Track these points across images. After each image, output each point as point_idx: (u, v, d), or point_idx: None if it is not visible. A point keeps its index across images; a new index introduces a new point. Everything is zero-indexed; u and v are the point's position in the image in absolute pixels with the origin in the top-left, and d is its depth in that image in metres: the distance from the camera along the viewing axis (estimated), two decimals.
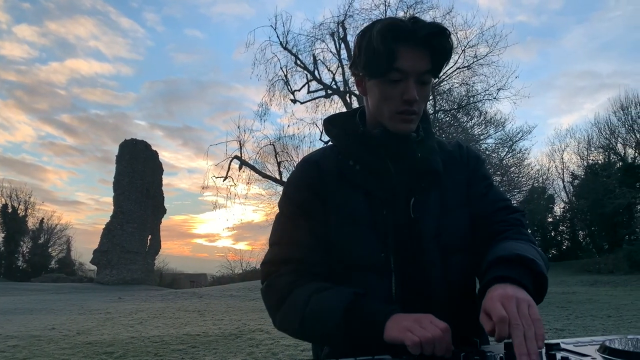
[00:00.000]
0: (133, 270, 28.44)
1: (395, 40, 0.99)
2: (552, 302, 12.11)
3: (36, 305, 13.65)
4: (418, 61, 1.00)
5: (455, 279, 1.07)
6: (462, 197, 1.13)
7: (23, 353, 5.98)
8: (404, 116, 1.04)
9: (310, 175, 1.12)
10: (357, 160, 1.09)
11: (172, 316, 10.52)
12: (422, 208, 1.07)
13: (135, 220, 29.07)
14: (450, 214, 1.09)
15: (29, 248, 36.30)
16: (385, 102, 1.05)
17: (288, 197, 1.14)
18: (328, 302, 0.94)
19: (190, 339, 7.00)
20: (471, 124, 20.24)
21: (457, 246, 1.08)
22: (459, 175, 1.15)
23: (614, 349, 0.69)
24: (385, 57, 0.99)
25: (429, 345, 0.77)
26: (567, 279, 20.56)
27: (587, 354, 0.72)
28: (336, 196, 1.08)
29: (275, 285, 1.06)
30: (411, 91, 1.01)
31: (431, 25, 1.00)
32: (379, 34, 0.99)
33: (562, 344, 0.79)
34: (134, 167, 29.53)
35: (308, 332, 1.00)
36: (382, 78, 1.03)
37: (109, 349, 6.21)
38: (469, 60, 15.47)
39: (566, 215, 30.86)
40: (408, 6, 15.50)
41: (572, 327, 7.53)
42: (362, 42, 1.04)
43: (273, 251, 1.11)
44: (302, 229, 1.08)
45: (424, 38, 0.99)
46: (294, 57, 15.71)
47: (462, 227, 1.10)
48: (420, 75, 1.02)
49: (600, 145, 27.37)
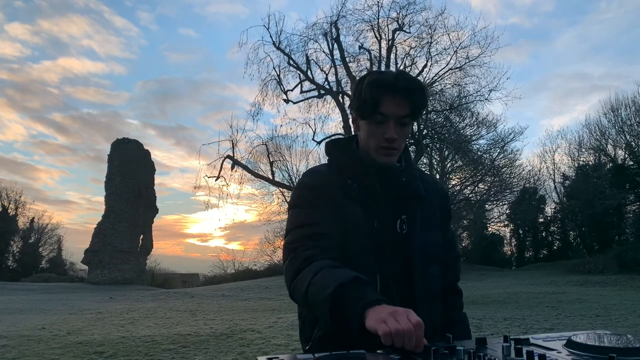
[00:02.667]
0: (125, 270, 28.30)
1: (379, 91, 1.22)
2: (542, 302, 12.21)
3: (26, 305, 13.56)
4: (398, 108, 1.23)
5: (431, 284, 1.32)
6: (438, 220, 1.39)
7: (12, 353, 5.95)
8: (386, 151, 1.27)
9: (321, 182, 1.30)
10: (354, 180, 1.28)
11: (164, 316, 10.50)
12: (411, 225, 1.30)
13: (127, 220, 28.93)
14: (430, 232, 1.34)
15: (19, 248, 35.97)
16: (371, 138, 1.28)
17: (301, 196, 1.30)
18: (331, 276, 1.05)
19: (181, 339, 7.00)
20: (463, 124, 20.36)
21: (434, 259, 1.34)
22: (436, 203, 1.41)
23: (579, 343, 0.72)
24: (371, 104, 1.23)
25: (399, 338, 0.82)
26: (557, 279, 20.70)
27: (553, 348, 0.75)
28: (341, 206, 1.25)
29: (298, 256, 1.17)
30: (390, 131, 1.24)
31: (410, 81, 1.24)
32: (367, 85, 1.23)
33: (531, 339, 0.82)
34: (126, 166, 29.37)
35: (310, 299, 1.08)
36: (369, 119, 1.26)
37: (99, 349, 6.19)
38: (461, 62, 15.53)
39: (557, 215, 31.08)
40: (401, 7, 15.54)
41: (561, 327, 7.60)
42: (356, 90, 1.28)
43: (296, 233, 1.23)
44: (318, 213, 1.23)
45: (403, 90, 1.22)
46: (286, 57, 15.71)
47: (438, 244, 1.37)
48: (400, 119, 1.25)
49: (590, 146, 27.61)
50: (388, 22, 15.82)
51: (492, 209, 28.84)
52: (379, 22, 15.75)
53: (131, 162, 29.69)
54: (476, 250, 32.00)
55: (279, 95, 16.40)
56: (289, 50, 15.70)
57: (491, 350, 0.73)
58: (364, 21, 15.85)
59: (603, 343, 0.71)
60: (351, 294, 0.98)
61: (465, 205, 25.35)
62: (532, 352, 0.65)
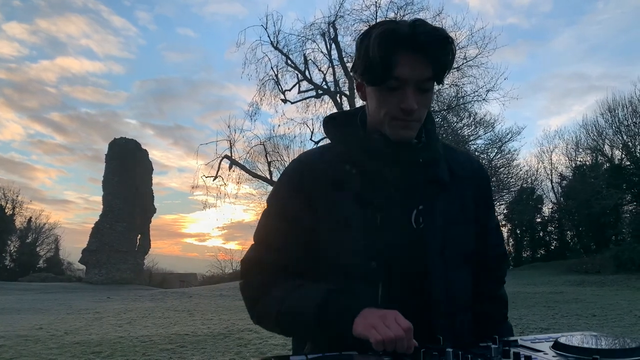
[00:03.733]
0: (122, 269, 28.28)
1: (392, 48, 0.95)
2: (539, 302, 12.24)
3: (23, 304, 13.54)
4: (417, 69, 0.96)
5: (456, 292, 1.06)
6: (469, 212, 1.10)
7: (10, 353, 5.94)
8: (403, 123, 1.01)
9: (302, 178, 1.08)
10: (354, 165, 1.05)
11: (161, 316, 10.50)
12: (428, 219, 1.03)
13: (125, 220, 28.91)
14: (456, 227, 1.06)
15: (16, 247, 35.92)
16: (383, 109, 1.01)
17: (276, 198, 1.12)
18: (302, 299, 0.95)
19: (178, 339, 7.00)
20: (461, 124, 20.43)
21: (460, 261, 1.07)
22: (467, 190, 1.12)
23: (565, 345, 0.74)
24: (382, 65, 0.95)
25: (391, 344, 0.79)
26: (554, 278, 20.75)
27: (540, 350, 0.77)
28: (328, 201, 1.04)
29: (252, 284, 1.07)
30: (409, 100, 0.97)
31: (432, 32, 0.95)
32: (375, 40, 0.95)
33: (519, 341, 0.83)
34: (124, 166, 29.35)
35: (284, 327, 1.02)
36: (380, 85, 0.99)
37: (96, 349, 6.19)
38: (459, 62, 15.56)
39: (554, 215, 31.14)
40: (399, 7, 15.60)
41: (557, 326, 7.63)
42: (361, 47, 1.01)
43: (253, 250, 1.11)
44: (283, 233, 1.06)
45: (423, 45, 0.95)
46: (284, 57, 15.75)
47: (467, 243, 1.09)
48: (420, 83, 0.98)
49: (588, 146, 27.68)
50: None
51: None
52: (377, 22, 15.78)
53: (129, 161, 29.67)
54: None
55: (277, 95, 16.45)
56: (287, 50, 15.76)
57: (480, 351, 0.75)
58: (361, 21, 15.93)
59: (588, 345, 0.73)
60: (332, 311, 0.91)
61: None
62: (519, 353, 0.66)
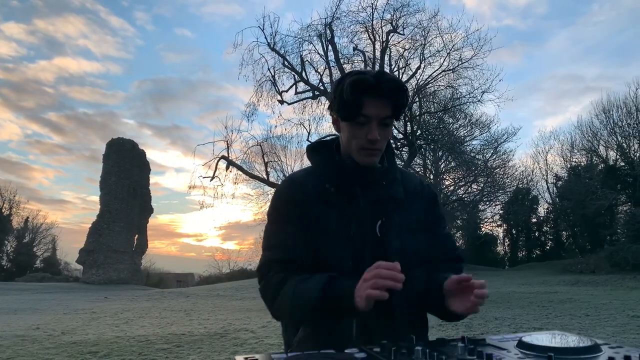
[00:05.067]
0: (119, 269, 28.27)
1: (361, 93, 1.22)
2: (534, 302, 12.33)
3: (20, 305, 13.56)
4: (380, 109, 1.23)
5: (411, 290, 1.23)
6: (421, 223, 1.36)
7: (7, 353, 5.99)
8: (368, 152, 1.27)
9: (294, 191, 1.32)
10: (332, 184, 1.29)
11: (158, 316, 10.55)
12: (388, 229, 1.28)
13: (122, 220, 28.91)
14: (411, 236, 1.31)
15: (13, 247, 35.87)
16: (354, 140, 1.27)
17: (275, 208, 1.34)
18: (308, 287, 1.15)
19: (175, 339, 7.05)
20: (457, 125, 20.50)
21: (414, 263, 1.29)
22: (419, 205, 1.38)
23: (527, 343, 0.81)
24: (353, 106, 1.23)
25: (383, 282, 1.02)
26: (549, 278, 20.86)
27: (504, 348, 0.83)
28: (315, 211, 1.27)
29: (269, 283, 1.25)
30: (373, 132, 1.23)
31: (392, 82, 1.23)
32: (348, 87, 1.22)
33: (487, 340, 0.90)
34: (121, 166, 29.36)
35: (297, 315, 1.19)
36: (351, 121, 1.26)
37: (93, 349, 6.24)
38: (454, 63, 15.63)
39: (550, 216, 31.31)
40: (395, 9, 15.62)
41: (550, 326, 7.70)
42: (336, 91, 1.27)
43: (265, 256, 1.30)
44: (288, 233, 1.27)
45: (384, 92, 1.22)
46: (281, 58, 15.72)
47: (422, 249, 1.34)
48: (382, 120, 1.25)
49: (583, 147, 27.85)
50: (382, 23, 15.92)
51: (485, 209, 29.06)
52: (373, 24, 15.83)
53: (126, 162, 29.67)
54: (469, 250, 32.17)
55: (274, 96, 16.46)
56: (284, 51, 15.76)
57: (448, 350, 0.81)
58: (358, 23, 15.94)
59: (548, 343, 0.79)
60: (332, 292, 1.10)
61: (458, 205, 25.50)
62: (482, 352, 0.73)
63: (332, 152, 1.36)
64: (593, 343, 0.77)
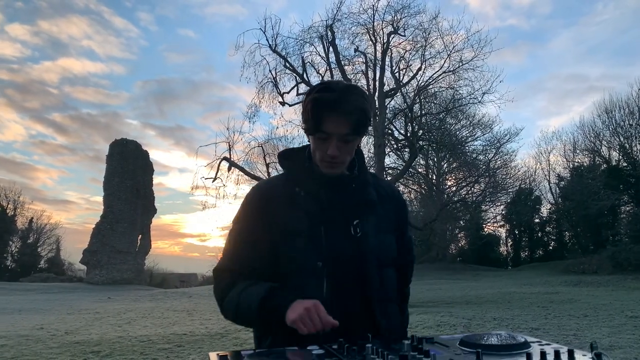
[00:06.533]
0: (123, 270, 28.42)
1: (321, 110, 1.27)
2: (534, 302, 12.38)
3: (25, 305, 13.71)
4: (339, 127, 1.27)
5: (387, 286, 1.38)
6: (392, 225, 1.44)
7: (11, 352, 6.10)
8: (329, 164, 1.33)
9: (259, 200, 1.38)
10: (302, 188, 1.35)
11: (161, 316, 10.66)
12: (364, 229, 1.34)
13: (126, 220, 29.05)
14: (384, 235, 1.39)
15: (18, 248, 36.08)
16: (317, 152, 1.34)
17: (240, 216, 1.40)
18: (251, 295, 1.24)
19: (176, 338, 7.16)
20: (459, 126, 20.57)
21: (388, 261, 1.40)
22: (390, 209, 1.45)
23: (465, 341, 0.89)
24: (314, 123, 1.28)
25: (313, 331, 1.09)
26: (551, 279, 20.88)
27: (448, 345, 0.92)
28: (282, 216, 1.32)
29: (219, 286, 1.37)
30: (332, 149, 1.29)
31: (349, 103, 1.27)
32: (309, 104, 1.28)
33: (435, 339, 0.98)
34: (124, 167, 29.51)
35: (241, 319, 1.33)
36: (314, 135, 1.32)
37: (96, 348, 6.35)
38: (455, 65, 15.71)
39: (552, 216, 31.29)
40: (395, 10, 15.72)
41: (548, 327, 7.77)
42: (303, 105, 1.34)
43: (221, 260, 1.40)
44: (245, 245, 1.35)
45: (344, 110, 1.26)
46: (283, 60, 15.83)
47: (392, 248, 1.43)
48: (342, 136, 1.29)
49: (585, 147, 27.85)
50: (383, 25, 16.03)
51: (487, 209, 29.10)
52: (374, 26, 15.94)
53: (129, 162, 29.82)
54: (472, 250, 32.21)
55: (276, 98, 16.56)
56: (285, 53, 15.85)
57: (397, 347, 0.89)
58: (359, 24, 16.05)
59: (482, 341, 0.88)
60: (270, 303, 1.20)
61: (461, 205, 25.56)
62: (422, 348, 0.82)
63: (303, 158, 1.41)
64: (523, 341, 0.86)
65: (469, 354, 0.82)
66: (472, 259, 31.23)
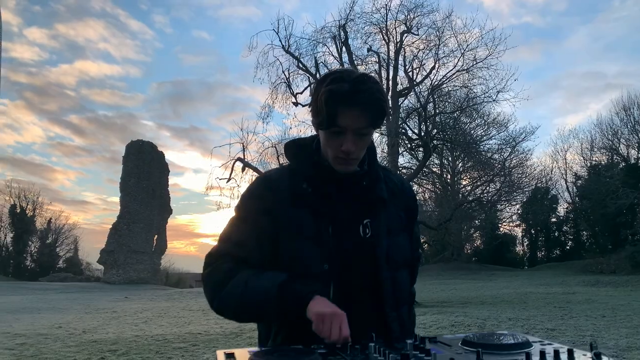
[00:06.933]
0: (139, 270, 28.77)
1: (336, 103, 1.16)
2: (551, 302, 12.25)
3: (44, 304, 13.95)
4: (355, 120, 1.17)
5: (400, 290, 1.28)
6: (403, 223, 1.34)
7: (30, 351, 6.22)
8: (343, 161, 1.23)
9: (264, 192, 1.28)
10: (309, 184, 1.25)
11: (177, 315, 10.78)
12: (374, 229, 1.25)
13: (142, 221, 29.40)
14: (395, 235, 1.29)
15: (37, 248, 36.75)
16: (328, 148, 1.24)
17: (242, 205, 1.30)
18: (265, 281, 1.13)
19: (191, 338, 7.23)
20: (473, 125, 20.39)
21: (402, 263, 1.30)
22: (401, 205, 1.36)
23: (467, 341, 0.91)
24: (327, 117, 1.17)
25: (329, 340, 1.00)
26: (569, 279, 20.63)
27: (450, 345, 0.93)
28: (287, 213, 1.22)
29: (219, 269, 1.22)
30: (348, 144, 1.19)
31: (369, 92, 1.17)
32: (322, 96, 1.17)
33: (438, 338, 0.99)
34: (140, 167, 29.85)
35: (246, 308, 1.16)
36: (327, 130, 1.21)
37: (112, 347, 6.44)
38: (469, 63, 15.60)
39: (569, 215, 30.91)
40: (408, 9, 15.67)
41: (564, 327, 7.68)
42: (314, 98, 1.24)
43: (218, 246, 1.27)
44: (247, 232, 1.23)
45: (360, 102, 1.16)
46: (296, 61, 15.89)
47: (406, 248, 1.33)
48: (358, 130, 1.19)
49: (603, 146, 27.47)
50: (396, 24, 16.00)
51: (503, 209, 28.81)
52: (387, 25, 15.91)
53: (145, 163, 30.17)
54: (487, 250, 31.95)
55: (289, 98, 16.60)
56: (298, 53, 15.89)
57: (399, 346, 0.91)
58: (372, 24, 16.03)
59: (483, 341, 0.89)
60: (291, 290, 1.09)
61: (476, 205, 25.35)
62: (424, 347, 0.83)
63: (311, 151, 1.31)
64: (525, 340, 0.87)
65: (469, 353, 0.84)
66: (488, 259, 30.98)
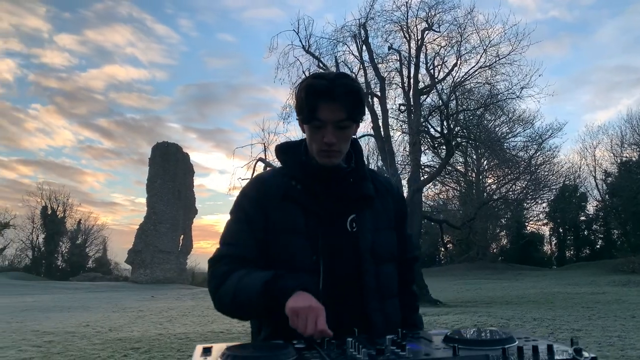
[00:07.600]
0: (166, 269, 29.26)
1: (315, 97, 1.25)
2: (578, 303, 11.97)
3: (73, 303, 14.32)
4: (334, 113, 1.25)
5: (384, 283, 1.35)
6: (390, 221, 1.42)
7: (57, 348, 6.39)
8: (326, 153, 1.30)
9: (258, 191, 1.36)
10: (298, 182, 1.33)
11: (201, 314, 10.91)
12: (359, 224, 1.32)
13: (168, 221, 29.89)
14: (381, 232, 1.37)
15: (67, 248, 37.80)
16: (312, 142, 1.32)
17: (237, 206, 1.38)
18: (253, 279, 1.19)
19: (213, 336, 7.32)
20: (498, 122, 20.06)
21: (386, 257, 1.37)
22: (388, 204, 1.44)
23: (449, 337, 0.89)
24: (308, 111, 1.26)
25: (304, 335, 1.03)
26: (598, 279, 20.12)
27: (433, 341, 0.91)
28: (278, 210, 1.31)
29: (216, 273, 1.30)
30: (328, 136, 1.26)
31: (344, 86, 1.26)
32: (302, 91, 1.28)
33: (421, 333, 0.98)
34: (166, 169, 30.36)
35: (238, 305, 1.23)
36: (309, 124, 1.29)
37: (136, 345, 6.57)
38: (491, 60, 15.36)
39: (599, 213, 30.13)
40: (429, 7, 15.52)
41: (590, 328, 7.50)
42: (296, 95, 1.33)
43: (217, 250, 1.35)
44: (243, 232, 1.31)
45: (338, 95, 1.24)
46: (316, 61, 15.88)
47: (391, 244, 1.40)
48: (338, 123, 1.26)
49: (634, 141, 26.67)
50: (417, 22, 15.85)
51: (530, 207, 28.27)
52: (408, 22, 15.78)
53: (171, 165, 30.67)
54: (514, 249, 31.40)
55: None
56: (319, 53, 15.90)
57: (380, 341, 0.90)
58: (392, 22, 15.92)
59: (466, 337, 0.87)
60: (275, 287, 1.14)
61: (502, 204, 24.95)
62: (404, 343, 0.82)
63: (299, 151, 1.40)
64: (508, 336, 0.85)
65: (447, 348, 0.83)
66: (515, 258, 30.44)
